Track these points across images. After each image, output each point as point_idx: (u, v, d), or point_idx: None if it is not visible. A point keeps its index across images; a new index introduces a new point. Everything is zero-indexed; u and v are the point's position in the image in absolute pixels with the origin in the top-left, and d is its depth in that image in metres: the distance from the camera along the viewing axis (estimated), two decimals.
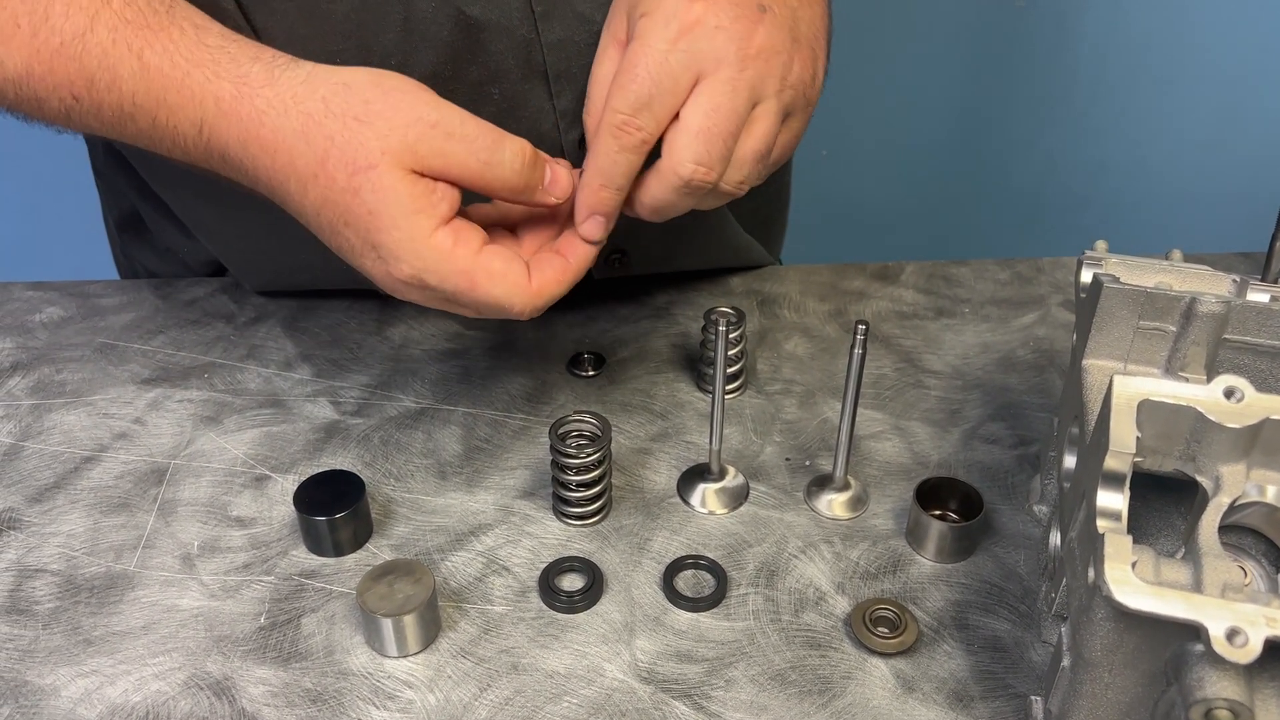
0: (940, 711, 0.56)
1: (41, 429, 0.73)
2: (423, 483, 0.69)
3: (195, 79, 0.57)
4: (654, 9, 0.58)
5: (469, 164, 0.56)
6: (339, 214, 0.56)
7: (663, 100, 0.57)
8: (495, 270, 0.57)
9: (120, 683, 0.57)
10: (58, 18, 0.57)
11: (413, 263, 0.55)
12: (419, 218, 0.55)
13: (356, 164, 0.54)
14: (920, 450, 0.72)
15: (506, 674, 0.57)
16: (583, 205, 0.60)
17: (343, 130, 0.55)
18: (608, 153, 0.58)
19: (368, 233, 0.55)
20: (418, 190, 0.55)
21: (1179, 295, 0.55)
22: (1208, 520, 0.47)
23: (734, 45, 0.57)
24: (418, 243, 0.55)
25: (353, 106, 0.55)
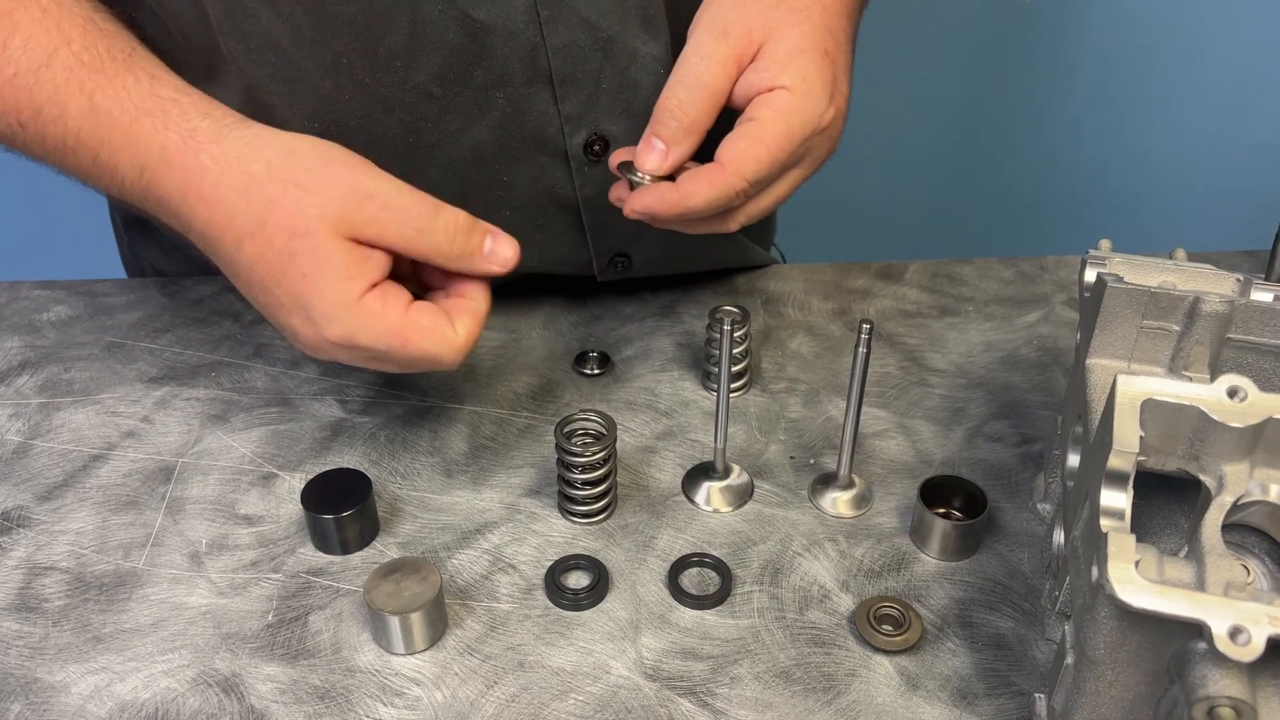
0: (944, 709, 0.56)
1: (50, 427, 0.73)
2: (429, 481, 0.70)
3: (143, 126, 0.59)
4: (803, 92, 0.62)
5: (403, 233, 0.58)
6: (273, 273, 0.58)
7: (775, 179, 0.64)
8: (425, 326, 0.59)
9: (129, 680, 0.57)
10: (16, 49, 0.59)
11: (344, 324, 0.57)
12: (352, 283, 0.57)
13: (295, 229, 0.56)
14: (924, 448, 0.72)
15: (513, 671, 0.58)
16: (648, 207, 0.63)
17: (284, 195, 0.57)
18: (713, 201, 0.62)
19: (300, 295, 0.57)
20: (352, 258, 0.57)
21: (1183, 295, 0.55)
22: (1211, 519, 0.47)
23: (824, 154, 0.66)
24: (349, 305, 0.57)
25: (296, 173, 0.57)
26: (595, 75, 0.68)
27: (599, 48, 0.67)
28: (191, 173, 0.58)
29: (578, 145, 0.71)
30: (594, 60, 0.68)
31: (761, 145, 0.61)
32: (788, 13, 0.63)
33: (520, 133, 0.70)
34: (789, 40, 0.63)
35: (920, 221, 1.69)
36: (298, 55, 0.65)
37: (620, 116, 0.70)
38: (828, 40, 0.64)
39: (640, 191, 0.63)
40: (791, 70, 0.62)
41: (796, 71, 0.62)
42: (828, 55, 0.63)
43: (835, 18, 0.65)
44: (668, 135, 0.63)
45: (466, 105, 0.68)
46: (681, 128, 0.63)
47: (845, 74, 0.65)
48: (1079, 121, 1.62)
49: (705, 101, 0.62)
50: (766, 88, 0.62)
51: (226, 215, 0.58)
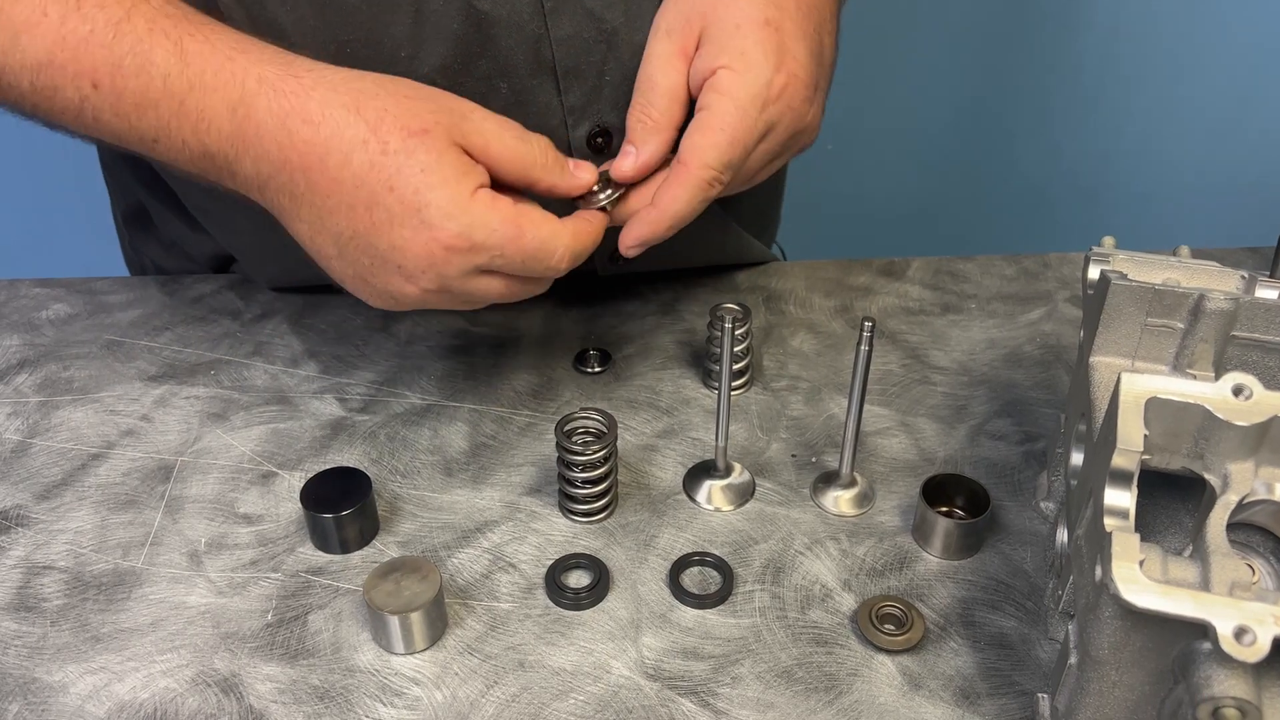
0: (947, 708, 0.56)
1: (49, 426, 0.73)
2: (429, 479, 0.69)
3: (238, 62, 0.58)
4: (743, 66, 0.62)
5: (505, 139, 0.60)
6: (386, 176, 0.57)
7: (742, 159, 0.63)
8: (537, 216, 0.60)
9: (128, 680, 0.57)
10: (91, 6, 0.57)
11: (460, 219, 0.57)
12: (465, 179, 0.58)
13: (411, 127, 0.57)
14: (926, 447, 0.72)
15: (513, 671, 0.58)
16: (639, 235, 0.64)
17: (397, 103, 0.58)
18: (691, 201, 0.63)
19: (416, 193, 0.57)
20: (463, 161, 0.58)
21: (1187, 292, 0.55)
22: (1215, 518, 0.47)
23: (794, 125, 0.65)
24: (464, 199, 0.58)
25: (403, 88, 0.59)
26: (599, 67, 0.68)
27: (603, 40, 0.67)
28: (294, 95, 0.57)
29: (580, 137, 0.71)
30: (598, 52, 0.67)
31: (714, 130, 0.62)
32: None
33: (523, 124, 0.70)
34: (724, 19, 0.63)
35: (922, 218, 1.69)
36: (302, 43, 0.64)
37: (623, 109, 0.70)
38: (769, 10, 0.63)
39: (627, 228, 0.65)
40: (729, 48, 0.62)
41: (734, 48, 0.62)
42: (769, 24, 0.63)
43: None
44: (636, 139, 0.65)
45: (470, 96, 0.68)
46: (646, 130, 0.64)
47: (797, 40, 0.63)
48: (1082, 118, 1.62)
49: (663, 100, 0.64)
50: (709, 71, 0.63)
51: (334, 130, 0.57)
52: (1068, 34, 1.55)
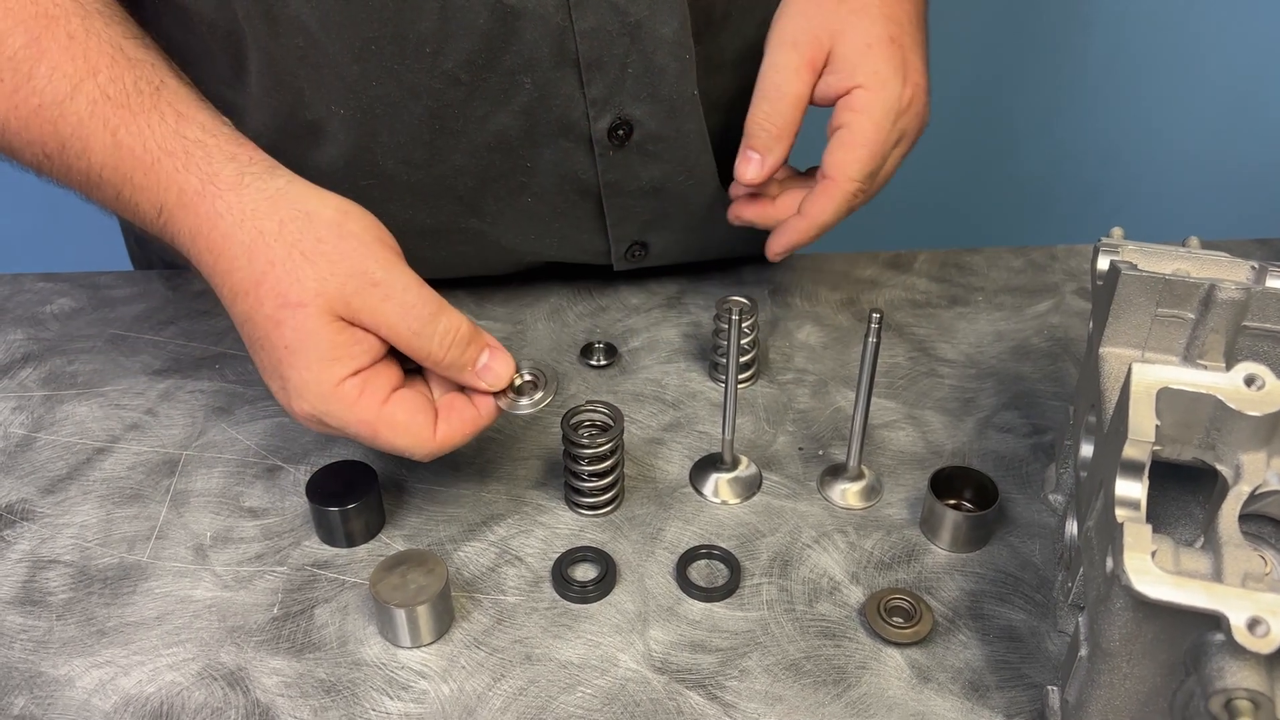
0: (956, 701, 0.56)
1: (53, 420, 0.73)
2: (435, 473, 0.69)
3: (164, 167, 0.58)
4: (876, 85, 0.68)
5: (398, 329, 0.57)
6: (258, 336, 0.57)
7: (879, 168, 0.70)
8: (399, 422, 0.58)
9: (134, 673, 0.57)
10: (40, 79, 0.58)
11: (315, 404, 0.57)
12: (333, 366, 0.56)
13: (287, 298, 0.56)
14: (934, 439, 0.72)
15: (520, 664, 0.57)
16: (787, 242, 0.72)
17: (286, 260, 0.56)
18: (838, 212, 0.70)
19: (278, 364, 0.57)
20: (340, 339, 0.56)
21: (1198, 282, 0.54)
22: (1228, 509, 0.47)
23: (921, 129, 0.72)
24: (324, 387, 0.56)
25: (305, 240, 0.56)
26: (622, 60, 0.68)
27: (626, 32, 0.67)
28: (204, 219, 0.57)
29: (602, 130, 0.71)
30: (621, 45, 0.67)
31: (856, 147, 0.67)
32: (849, 13, 0.68)
33: (545, 117, 0.70)
34: (854, 38, 0.68)
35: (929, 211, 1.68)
36: (326, 40, 0.64)
37: (645, 100, 0.70)
38: (891, 28, 0.68)
39: (775, 235, 0.72)
40: (864, 67, 0.67)
41: (868, 67, 0.67)
42: (894, 41, 0.68)
43: (895, 5, 0.69)
44: (760, 145, 0.69)
45: (493, 90, 0.68)
46: (771, 136, 0.69)
47: (915, 52, 0.70)
48: (1089, 110, 1.61)
49: (788, 110, 0.69)
50: (844, 90, 0.68)
51: (228, 268, 0.57)
52: (1074, 25, 1.55)
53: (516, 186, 0.74)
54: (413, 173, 0.72)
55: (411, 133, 0.69)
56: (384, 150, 0.70)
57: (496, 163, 0.72)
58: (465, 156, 0.71)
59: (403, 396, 0.58)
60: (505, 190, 0.74)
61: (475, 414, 0.61)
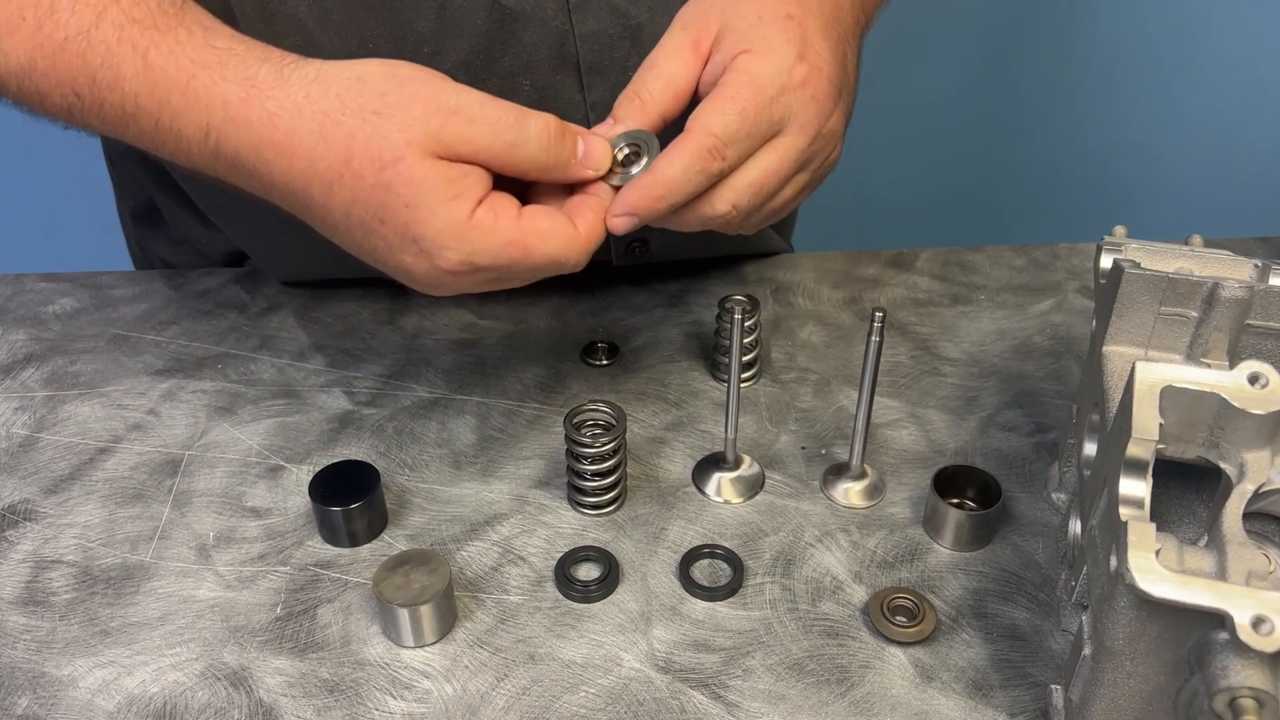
0: (959, 700, 0.56)
1: (56, 420, 0.73)
2: (437, 472, 0.69)
3: (201, 81, 0.55)
4: (763, 49, 0.58)
5: (495, 147, 0.54)
6: (372, 212, 0.54)
7: (750, 142, 0.58)
8: (544, 230, 0.55)
9: (138, 673, 0.57)
10: (63, 12, 0.56)
11: (459, 248, 0.54)
12: (457, 203, 0.53)
13: (383, 158, 0.53)
14: (937, 438, 0.72)
15: (523, 664, 0.57)
16: (629, 203, 0.58)
17: (362, 126, 0.53)
18: (687, 169, 0.57)
19: (406, 226, 0.54)
20: (450, 175, 0.53)
21: (1201, 281, 0.54)
22: (1232, 508, 0.47)
23: (817, 120, 0.60)
24: (459, 227, 0.53)
25: (369, 101, 0.53)
26: (623, 63, 0.68)
27: (627, 35, 0.67)
28: (260, 124, 0.54)
29: None
30: (622, 48, 0.67)
31: (722, 99, 0.58)
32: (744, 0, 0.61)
33: None
34: (744, 13, 0.60)
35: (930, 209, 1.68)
36: (323, 38, 0.64)
37: None
38: (790, 7, 0.60)
39: (620, 194, 0.59)
40: (751, 35, 0.59)
41: (756, 35, 0.59)
42: (791, 18, 0.60)
43: None
44: (620, 113, 0.60)
45: (492, 92, 0.67)
46: (632, 106, 0.60)
47: (821, 36, 0.61)
48: (1089, 108, 1.61)
49: (657, 82, 0.60)
50: (730, 57, 0.59)
51: (308, 162, 0.54)
52: (1076, 24, 1.55)
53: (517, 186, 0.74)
54: None
55: None
56: None
57: None
58: None
59: (533, 208, 0.56)
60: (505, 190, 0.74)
61: (598, 200, 0.58)
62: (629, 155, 0.59)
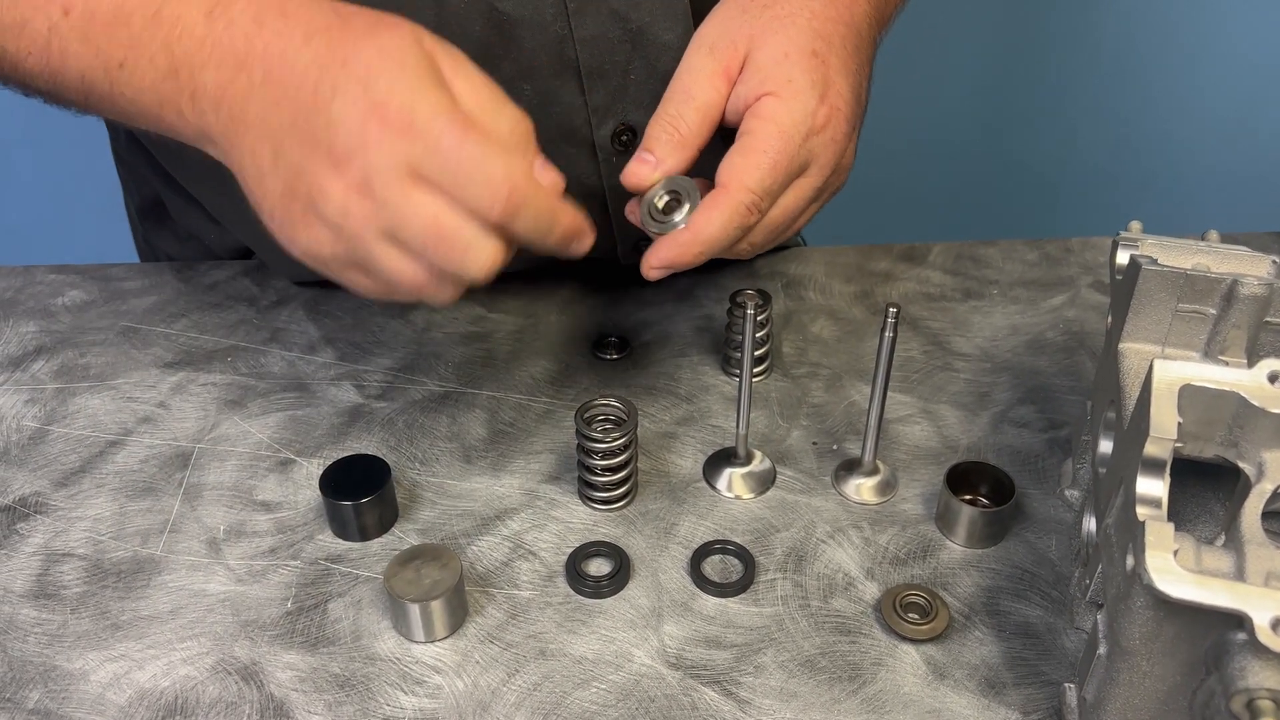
0: (972, 698, 0.55)
1: (66, 413, 0.73)
2: (448, 467, 0.69)
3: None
4: (789, 94, 0.60)
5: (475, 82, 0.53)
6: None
7: (781, 188, 0.61)
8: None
9: (149, 667, 0.57)
10: None
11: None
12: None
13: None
14: (949, 434, 0.71)
15: (534, 659, 0.57)
16: (667, 258, 0.60)
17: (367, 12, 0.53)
18: (728, 225, 0.59)
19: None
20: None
21: (1219, 277, 0.54)
22: (1250, 507, 0.46)
23: (835, 160, 0.62)
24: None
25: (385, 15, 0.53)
26: (624, 67, 0.67)
27: (628, 39, 0.66)
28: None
29: (605, 136, 0.70)
30: (622, 52, 0.67)
31: (756, 153, 0.59)
32: (772, 20, 0.62)
33: (546, 124, 0.69)
34: (772, 47, 0.61)
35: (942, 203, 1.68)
36: None
37: (649, 107, 0.69)
38: (815, 43, 0.62)
39: (654, 246, 0.60)
40: (776, 75, 0.61)
41: (781, 75, 0.60)
42: (816, 56, 0.61)
43: (825, 22, 0.63)
44: (658, 149, 0.61)
45: None
46: (672, 141, 0.61)
47: (842, 75, 0.62)
48: (1102, 102, 1.60)
49: (694, 114, 0.61)
50: (754, 97, 0.61)
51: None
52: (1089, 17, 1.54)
53: None
54: None
55: None
56: None
57: None
58: None
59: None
60: None
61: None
62: (669, 203, 0.61)
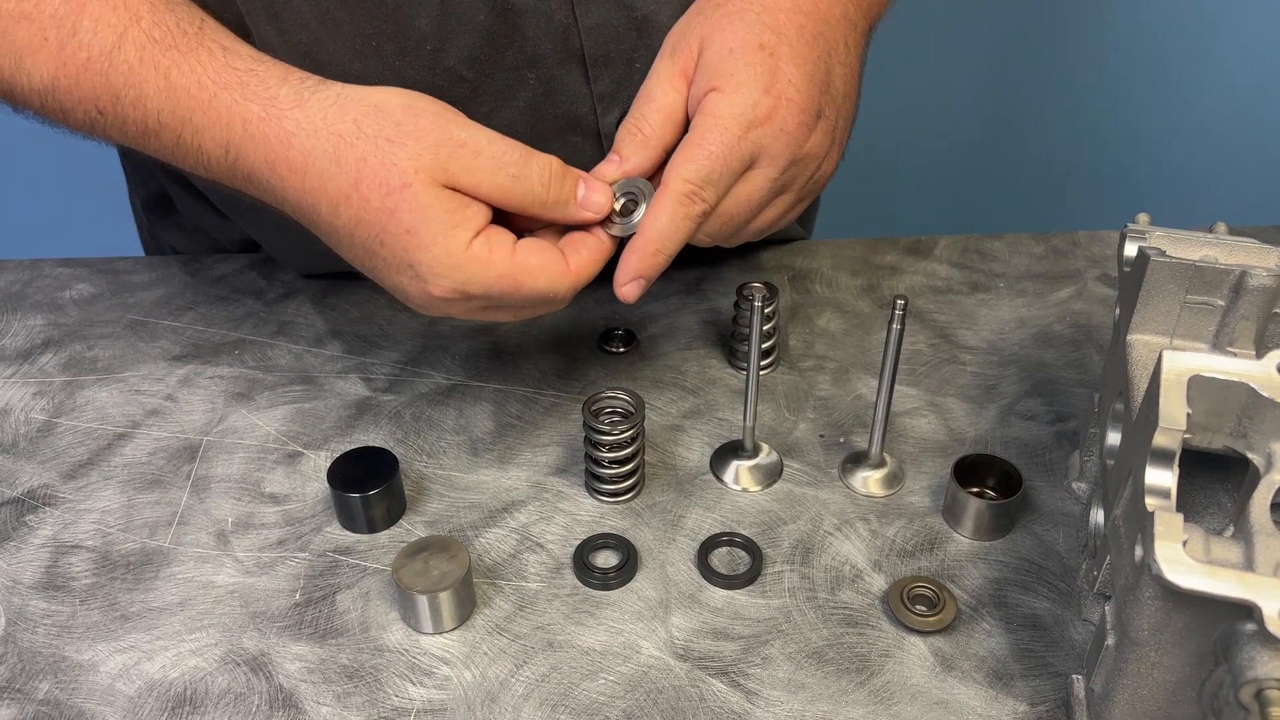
0: (980, 690, 0.55)
1: (74, 405, 0.73)
2: (455, 459, 0.69)
3: (223, 100, 0.57)
4: (731, 88, 0.60)
5: (497, 179, 0.56)
6: (374, 234, 0.56)
7: (725, 180, 0.61)
8: (534, 265, 0.57)
9: (158, 658, 0.57)
10: (85, 33, 0.57)
11: (453, 276, 0.56)
12: (455, 232, 0.56)
13: (390, 184, 0.55)
14: (956, 427, 0.71)
15: (542, 651, 0.57)
16: (630, 268, 0.61)
17: (375, 152, 0.55)
18: (672, 218, 0.60)
19: (404, 251, 0.56)
20: (453, 205, 0.56)
21: (1229, 269, 0.54)
22: (1259, 498, 0.46)
23: (788, 151, 0.61)
24: (455, 256, 0.56)
25: (384, 129, 0.56)
26: (629, 55, 0.67)
27: (633, 27, 0.66)
28: (278, 142, 0.56)
29: (610, 124, 0.70)
30: (628, 40, 0.67)
31: (691, 146, 0.60)
32: (721, 18, 0.63)
33: (552, 113, 0.69)
34: (719, 44, 0.62)
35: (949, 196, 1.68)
36: (325, 37, 0.64)
37: None
38: (764, 35, 0.62)
39: (620, 262, 0.61)
40: (721, 71, 0.61)
41: (724, 71, 0.61)
42: (763, 49, 0.61)
43: (778, 14, 0.63)
44: (623, 149, 0.63)
45: (498, 87, 0.67)
46: (635, 141, 0.63)
47: (794, 64, 0.61)
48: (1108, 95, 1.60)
49: (656, 115, 0.63)
50: (702, 94, 0.62)
51: (319, 181, 0.56)
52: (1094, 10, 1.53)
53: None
54: None
55: None
56: None
57: None
58: None
59: (528, 242, 0.58)
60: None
61: (597, 241, 0.61)
62: (626, 204, 0.62)
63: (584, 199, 0.60)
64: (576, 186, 0.60)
